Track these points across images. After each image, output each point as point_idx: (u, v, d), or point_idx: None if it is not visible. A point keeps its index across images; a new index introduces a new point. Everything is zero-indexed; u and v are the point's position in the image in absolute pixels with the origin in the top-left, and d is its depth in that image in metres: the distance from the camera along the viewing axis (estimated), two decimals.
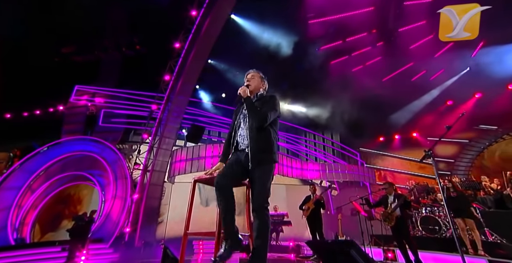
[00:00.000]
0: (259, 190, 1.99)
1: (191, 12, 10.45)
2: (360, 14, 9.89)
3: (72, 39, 12.79)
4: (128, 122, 11.71)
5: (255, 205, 1.97)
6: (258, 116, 2.08)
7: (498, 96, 11.87)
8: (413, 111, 13.74)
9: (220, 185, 1.98)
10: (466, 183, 7.60)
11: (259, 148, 2.05)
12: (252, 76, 2.38)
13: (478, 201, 6.82)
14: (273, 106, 2.18)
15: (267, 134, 2.13)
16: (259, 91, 2.37)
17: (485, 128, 13.48)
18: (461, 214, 5.27)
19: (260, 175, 2.01)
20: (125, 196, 9.16)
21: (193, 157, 9.54)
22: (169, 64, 10.56)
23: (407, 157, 14.77)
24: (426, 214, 6.61)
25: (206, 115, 12.04)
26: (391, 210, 4.66)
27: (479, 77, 11.56)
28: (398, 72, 11.93)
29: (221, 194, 1.97)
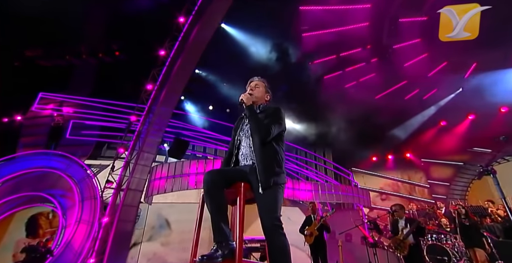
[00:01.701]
0: (269, 206, 1.81)
1: (179, 18, 10.38)
2: (355, 29, 10.24)
3: (40, 41, 12.13)
4: (101, 135, 11.06)
5: (266, 223, 1.76)
6: (260, 129, 1.94)
7: (491, 119, 12.40)
8: (407, 131, 14.07)
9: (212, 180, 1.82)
10: (471, 208, 7.53)
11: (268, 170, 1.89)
12: (256, 85, 2.27)
13: (485, 229, 6.73)
14: (277, 119, 2.04)
15: (273, 151, 1.98)
16: (262, 103, 2.24)
17: (479, 151, 13.93)
18: (473, 244, 5.11)
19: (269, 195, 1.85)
20: (92, 220, 8.40)
21: (175, 174, 9.03)
22: (152, 72, 10.26)
23: (402, 179, 14.89)
24: (432, 242, 6.41)
25: (191, 129, 11.65)
26: (404, 236, 4.42)
27: (472, 99, 12.10)
28: (391, 90, 12.28)
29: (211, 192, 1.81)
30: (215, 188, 1.81)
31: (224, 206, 1.83)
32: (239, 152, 2.10)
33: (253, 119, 2.00)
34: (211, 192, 1.81)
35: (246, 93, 2.16)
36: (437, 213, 8.00)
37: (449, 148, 13.92)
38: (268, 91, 2.30)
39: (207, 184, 1.82)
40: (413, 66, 11.44)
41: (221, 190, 1.83)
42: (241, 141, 2.12)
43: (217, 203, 1.80)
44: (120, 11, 11.25)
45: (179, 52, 10.25)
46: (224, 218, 1.79)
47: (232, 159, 2.12)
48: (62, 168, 9.12)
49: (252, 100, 2.11)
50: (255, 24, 10.32)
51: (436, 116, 13.53)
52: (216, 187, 1.82)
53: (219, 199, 1.82)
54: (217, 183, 1.83)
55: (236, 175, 1.95)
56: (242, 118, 2.25)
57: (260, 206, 1.84)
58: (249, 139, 2.03)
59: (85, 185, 8.88)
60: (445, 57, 11.22)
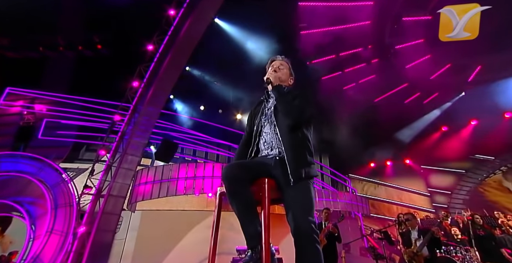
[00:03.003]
0: (303, 205, 1.58)
1: (169, 11, 10.14)
2: (356, 27, 10.25)
3: (7, 30, 11.47)
4: (80, 136, 10.57)
5: (300, 227, 1.52)
6: (292, 110, 1.74)
7: (495, 125, 12.58)
8: (406, 136, 14.14)
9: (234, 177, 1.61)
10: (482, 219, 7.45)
11: (299, 158, 1.69)
12: (281, 66, 2.05)
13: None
14: (308, 100, 1.87)
15: (303, 137, 1.78)
16: (287, 86, 2.02)
17: (482, 158, 14.06)
18: (491, 258, 4.96)
19: (302, 190, 1.62)
20: (67, 230, 7.91)
21: (163, 178, 8.68)
22: (139, 69, 9.93)
23: (402, 187, 14.88)
24: (440, 254, 6.26)
25: (180, 130, 11.31)
26: (417, 249, 4.24)
27: (475, 103, 12.27)
28: (391, 93, 12.34)
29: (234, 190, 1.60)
30: (239, 185, 1.60)
31: (254, 205, 1.61)
32: (260, 140, 1.89)
33: (282, 99, 1.79)
34: (234, 190, 1.60)
35: (272, 72, 1.97)
36: (443, 222, 7.90)
37: (450, 154, 14.01)
38: (292, 74, 2.11)
39: (229, 181, 1.61)
40: (415, 68, 11.53)
41: (247, 187, 1.61)
42: (263, 127, 1.91)
43: (244, 202, 1.59)
44: (104, 1, 10.89)
45: (169, 48, 9.98)
46: (255, 219, 1.57)
47: (251, 149, 1.90)
48: (32, 172, 8.57)
49: (278, 82, 1.93)
50: (250, 20, 10.19)
51: (437, 121, 13.66)
52: (240, 184, 1.60)
53: (246, 197, 1.59)
54: (241, 178, 1.61)
55: (260, 168, 1.72)
56: (261, 102, 2.06)
57: (290, 205, 1.61)
58: (274, 124, 1.83)
59: (59, 190, 8.38)
60: (449, 59, 11.36)
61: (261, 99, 2.07)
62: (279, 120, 1.81)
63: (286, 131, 1.75)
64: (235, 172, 1.64)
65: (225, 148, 11.96)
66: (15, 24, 10.72)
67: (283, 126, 1.77)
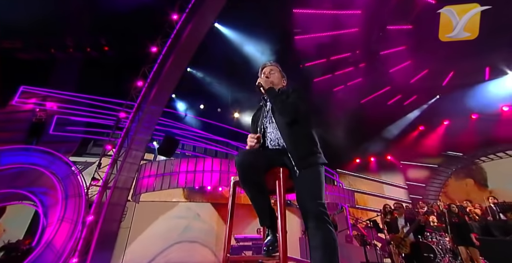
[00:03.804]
0: (311, 190, 1.54)
1: (172, 16, 10.08)
2: (345, 34, 10.32)
3: (19, 33, 11.25)
4: (87, 132, 10.45)
5: (311, 211, 1.49)
6: (286, 108, 1.73)
7: (464, 125, 12.95)
8: (388, 134, 14.38)
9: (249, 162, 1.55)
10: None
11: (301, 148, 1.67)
12: (271, 71, 2.05)
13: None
14: (301, 96, 1.83)
15: (303, 130, 1.77)
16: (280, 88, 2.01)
17: (452, 155, 14.47)
18: (465, 242, 5.14)
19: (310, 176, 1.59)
20: (76, 219, 7.86)
21: (165, 172, 8.65)
22: (143, 69, 9.84)
23: (384, 180, 15.16)
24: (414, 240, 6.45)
25: (182, 127, 11.25)
26: (404, 235, 4.38)
27: (447, 106, 12.64)
28: (376, 94, 12.51)
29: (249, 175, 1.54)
30: (253, 172, 1.54)
31: (267, 191, 1.57)
32: (266, 140, 1.89)
33: (276, 100, 1.79)
34: (249, 176, 1.54)
35: (263, 77, 1.97)
36: (419, 212, 8.13)
37: (425, 151, 14.37)
38: (283, 76, 2.10)
39: (244, 167, 1.54)
40: (397, 73, 11.70)
41: (261, 174, 1.57)
42: (266, 128, 1.90)
43: (258, 188, 1.55)
44: (110, 6, 10.73)
45: (171, 50, 9.92)
46: (269, 203, 1.57)
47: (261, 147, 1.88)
48: (44, 165, 8.49)
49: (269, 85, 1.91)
50: (248, 25, 10.18)
51: (415, 121, 13.95)
52: (255, 170, 1.55)
53: (260, 184, 1.55)
54: (256, 165, 1.56)
55: (274, 157, 1.70)
56: (260, 108, 2.05)
57: (300, 191, 1.57)
58: (274, 123, 1.84)
59: (69, 182, 8.32)
60: (426, 65, 11.55)
61: (260, 105, 2.06)
62: (276, 118, 1.82)
63: (285, 127, 1.74)
64: (250, 158, 1.58)
65: (223, 145, 11.96)
66: (27, 27, 10.51)
67: (281, 123, 1.78)
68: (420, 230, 4.60)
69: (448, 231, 5.05)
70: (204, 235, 10.30)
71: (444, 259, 6.03)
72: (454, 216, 5.20)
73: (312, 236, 1.44)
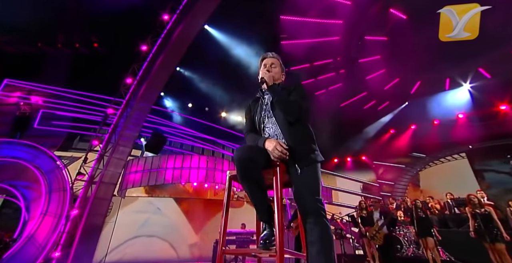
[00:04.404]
0: (311, 187, 1.49)
1: (163, 16, 9.83)
2: (328, 41, 10.47)
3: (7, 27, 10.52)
4: (74, 127, 9.95)
5: (309, 207, 1.44)
6: (289, 107, 1.63)
7: (427, 129, 13.59)
8: (364, 136, 14.76)
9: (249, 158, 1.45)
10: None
11: (303, 146, 1.60)
12: (273, 65, 1.91)
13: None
14: (302, 94, 1.75)
15: (303, 127, 1.69)
16: (280, 83, 1.90)
17: (417, 156, 15.11)
18: (426, 234, 5.36)
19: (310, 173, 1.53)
20: (60, 213, 7.45)
21: (152, 168, 8.38)
22: (133, 67, 9.54)
23: (359, 179, 15.54)
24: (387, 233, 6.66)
25: (169, 125, 10.96)
26: (379, 227, 4.48)
27: (415, 111, 13.20)
28: (354, 99, 12.79)
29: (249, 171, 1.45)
30: (252, 167, 1.45)
31: (264, 186, 1.49)
32: (264, 135, 1.76)
33: (279, 99, 1.67)
34: (248, 171, 1.45)
35: (265, 72, 1.81)
36: (389, 208, 8.38)
37: (395, 152, 14.93)
38: (283, 70, 1.97)
39: (243, 162, 1.45)
40: (373, 80, 12.03)
41: (259, 169, 1.48)
42: (265, 122, 1.77)
43: (257, 182, 1.46)
44: (102, 4, 10.28)
45: (162, 49, 9.69)
46: (266, 197, 1.49)
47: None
48: (28, 159, 7.98)
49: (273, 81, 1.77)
50: (238, 29, 10.08)
51: (387, 125, 14.40)
52: (254, 165, 1.46)
53: (258, 178, 1.47)
54: (255, 160, 1.47)
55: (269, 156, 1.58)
56: (257, 99, 1.90)
57: (299, 188, 1.51)
58: (273, 118, 1.73)
59: (53, 176, 7.87)
60: (398, 74, 11.95)
61: (257, 97, 1.92)
62: (276, 115, 1.71)
63: (285, 124, 1.66)
64: (249, 153, 1.49)
65: (210, 143, 11.79)
66: (16, 21, 9.86)
67: (281, 120, 1.68)
68: (393, 223, 4.73)
69: (415, 225, 5.23)
70: (164, 229, 9.98)
71: (409, 249, 6.29)
72: (419, 211, 5.41)
73: (310, 231, 1.41)
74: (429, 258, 5.42)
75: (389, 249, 4.49)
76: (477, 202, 5.07)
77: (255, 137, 1.74)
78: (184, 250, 9.95)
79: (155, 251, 9.33)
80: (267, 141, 1.58)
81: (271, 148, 1.53)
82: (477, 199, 5.16)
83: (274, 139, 1.61)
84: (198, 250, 10.00)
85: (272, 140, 1.58)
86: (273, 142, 1.55)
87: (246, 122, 1.93)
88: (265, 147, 1.57)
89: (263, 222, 1.48)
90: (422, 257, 5.87)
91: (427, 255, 5.43)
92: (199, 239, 10.26)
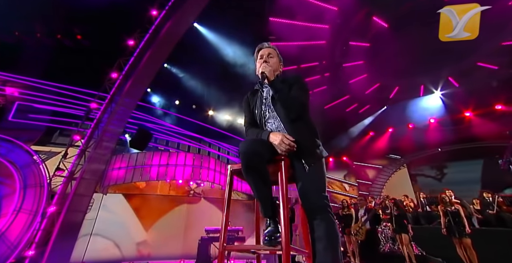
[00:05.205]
0: (317, 184, 1.44)
1: (151, 11, 9.52)
2: (314, 45, 10.58)
3: None
4: (53, 121, 9.37)
5: (315, 204, 1.40)
6: (292, 104, 1.56)
7: (403, 133, 14.18)
8: (345, 138, 15.12)
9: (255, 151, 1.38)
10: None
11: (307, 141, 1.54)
12: (270, 55, 1.82)
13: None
14: (303, 87, 1.68)
15: (307, 122, 1.63)
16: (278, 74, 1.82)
17: (393, 158, 15.72)
18: (401, 230, 5.56)
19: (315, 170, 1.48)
20: (36, 209, 6.99)
21: (136, 164, 8.06)
22: (119, 61, 9.15)
23: (339, 179, 15.88)
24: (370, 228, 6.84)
25: (155, 121, 10.60)
26: (362, 223, 4.57)
27: (392, 115, 13.70)
28: (337, 102, 13.04)
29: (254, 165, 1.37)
30: (258, 160, 1.38)
31: (269, 180, 1.42)
32: (265, 128, 1.69)
33: (281, 96, 1.59)
34: (254, 164, 1.37)
35: (265, 65, 1.70)
36: (369, 206, 8.62)
37: (373, 153, 15.43)
38: (281, 60, 1.87)
39: (249, 155, 1.37)
40: (355, 84, 12.33)
41: (264, 163, 1.41)
42: (267, 117, 1.69)
43: (262, 176, 1.39)
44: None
45: (149, 45, 9.38)
46: (271, 192, 1.42)
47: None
48: (2, 153, 7.43)
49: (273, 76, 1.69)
50: (228, 28, 9.96)
51: (367, 128, 14.84)
52: (259, 159, 1.39)
53: (264, 172, 1.39)
54: (261, 154, 1.40)
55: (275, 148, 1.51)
56: (256, 91, 1.82)
57: (305, 184, 1.45)
58: (275, 112, 1.66)
59: (29, 171, 7.38)
60: (378, 79, 12.33)
61: (255, 89, 1.83)
62: (277, 110, 1.64)
63: (288, 120, 1.59)
64: (255, 147, 1.41)
65: (197, 140, 11.54)
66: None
67: (283, 116, 1.61)
68: (377, 220, 4.85)
69: (393, 222, 5.40)
70: (108, 227, 9.03)
71: (386, 245, 6.52)
72: (396, 209, 5.59)
73: (316, 227, 1.37)
74: (404, 254, 5.63)
75: (370, 245, 4.60)
76: (448, 200, 5.33)
77: (257, 130, 1.65)
78: (130, 248, 9.09)
79: (98, 251, 8.44)
80: (271, 134, 1.52)
81: (278, 141, 1.46)
82: (448, 198, 5.42)
83: (279, 132, 1.53)
84: (146, 248, 9.23)
85: (277, 133, 1.51)
86: (279, 135, 1.48)
87: (245, 116, 1.84)
88: (270, 140, 1.50)
89: (267, 218, 1.41)
90: (397, 252, 6.09)
91: (403, 251, 5.63)
92: (148, 236, 9.48)
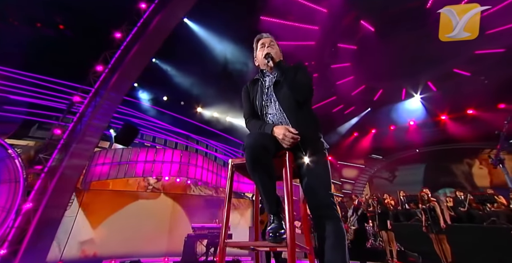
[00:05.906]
0: (322, 179, 1.39)
1: (140, 4, 9.18)
2: (303, 45, 10.61)
3: None
4: (31, 113, 8.83)
5: (321, 201, 1.35)
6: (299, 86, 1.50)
7: (385, 134, 14.61)
8: (331, 138, 15.35)
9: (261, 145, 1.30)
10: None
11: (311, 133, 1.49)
12: (271, 43, 1.79)
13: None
14: (307, 73, 1.63)
15: (310, 112, 1.58)
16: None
17: (375, 158, 16.16)
18: (383, 227, 5.68)
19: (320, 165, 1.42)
20: (10, 206, 6.54)
21: (121, 160, 7.74)
22: (105, 54, 8.74)
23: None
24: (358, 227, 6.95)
25: (142, 117, 10.22)
26: (350, 223, 4.60)
27: (376, 117, 14.07)
28: (324, 102, 13.19)
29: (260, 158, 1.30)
30: (264, 154, 1.30)
31: (275, 175, 1.35)
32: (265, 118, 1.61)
33: (288, 76, 1.51)
34: (260, 158, 1.29)
35: (270, 48, 1.68)
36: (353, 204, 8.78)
37: (357, 153, 15.79)
38: (281, 50, 1.84)
39: (255, 149, 1.29)
40: (342, 86, 12.52)
41: (271, 157, 1.34)
42: (267, 107, 1.60)
43: (268, 172, 1.31)
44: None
45: (137, 38, 9.03)
46: (275, 188, 1.36)
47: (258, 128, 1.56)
48: None
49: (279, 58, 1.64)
50: (218, 25, 9.77)
51: (352, 128, 15.15)
52: (266, 152, 1.31)
53: (270, 167, 1.32)
54: (267, 148, 1.32)
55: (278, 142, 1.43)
56: (256, 80, 1.73)
57: (310, 180, 1.39)
58: (277, 102, 1.56)
59: (3, 166, 6.88)
60: (364, 81, 12.58)
61: (256, 78, 1.76)
62: (280, 98, 1.55)
63: (291, 108, 1.52)
64: (262, 141, 1.34)
65: (184, 137, 11.26)
66: None
67: (286, 104, 1.53)
68: (363, 218, 4.91)
69: (376, 219, 5.50)
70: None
71: (368, 242, 6.66)
72: (379, 207, 5.70)
73: (324, 224, 1.32)
74: (387, 250, 5.75)
75: (357, 244, 4.65)
76: (426, 198, 5.50)
77: (259, 123, 1.57)
78: (72, 247, 8.10)
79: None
80: (275, 128, 1.44)
81: (281, 135, 1.39)
82: (426, 196, 5.61)
83: (282, 126, 1.46)
84: (92, 247, 8.38)
85: (280, 127, 1.44)
86: (282, 129, 1.41)
87: (245, 107, 1.74)
88: (275, 134, 1.42)
89: (272, 215, 1.34)
90: (378, 248, 6.23)
91: (386, 247, 5.75)
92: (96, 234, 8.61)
